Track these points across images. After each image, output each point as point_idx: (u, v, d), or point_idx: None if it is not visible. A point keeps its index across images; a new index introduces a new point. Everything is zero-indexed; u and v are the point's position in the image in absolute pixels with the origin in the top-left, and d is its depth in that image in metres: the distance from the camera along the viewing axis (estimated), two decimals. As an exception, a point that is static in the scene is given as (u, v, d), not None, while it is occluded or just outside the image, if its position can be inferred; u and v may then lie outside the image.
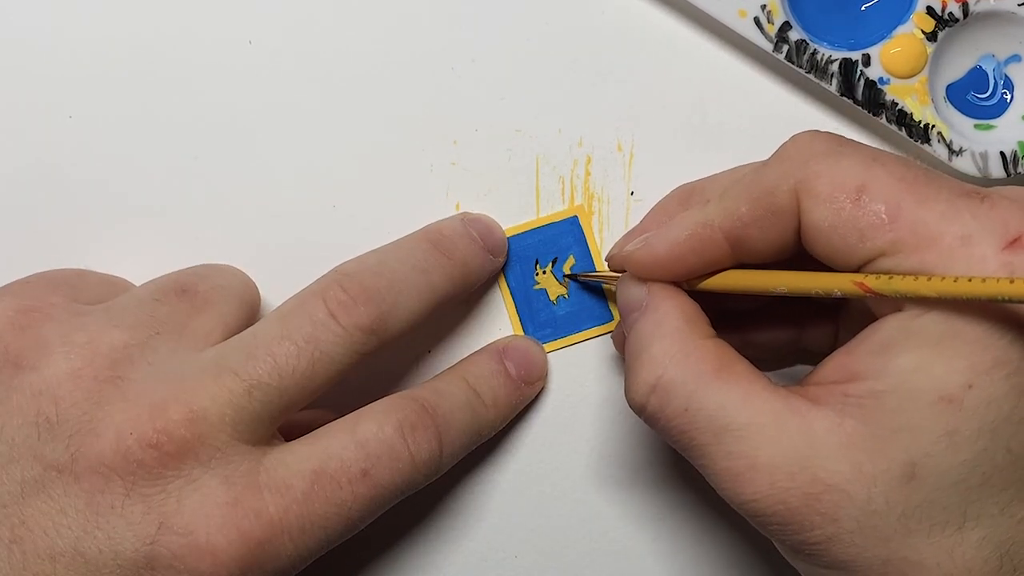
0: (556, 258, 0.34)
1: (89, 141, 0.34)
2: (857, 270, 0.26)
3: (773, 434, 0.25)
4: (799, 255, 0.28)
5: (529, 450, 0.34)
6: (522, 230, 0.34)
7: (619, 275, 0.31)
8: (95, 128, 0.34)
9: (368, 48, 0.34)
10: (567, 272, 0.34)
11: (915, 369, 0.25)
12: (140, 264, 0.33)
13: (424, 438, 0.29)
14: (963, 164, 0.33)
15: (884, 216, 0.25)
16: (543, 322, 0.34)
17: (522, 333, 0.34)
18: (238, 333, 0.29)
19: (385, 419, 0.29)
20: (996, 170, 0.33)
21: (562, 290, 0.34)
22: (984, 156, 0.33)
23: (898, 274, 0.25)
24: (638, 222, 0.33)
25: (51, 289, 0.30)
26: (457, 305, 0.34)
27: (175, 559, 0.26)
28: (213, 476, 0.27)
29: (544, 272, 0.34)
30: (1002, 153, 0.33)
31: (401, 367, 0.34)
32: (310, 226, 0.34)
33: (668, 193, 0.32)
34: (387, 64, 0.34)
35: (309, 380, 0.28)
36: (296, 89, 0.34)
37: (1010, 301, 0.23)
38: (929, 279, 0.24)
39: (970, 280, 0.23)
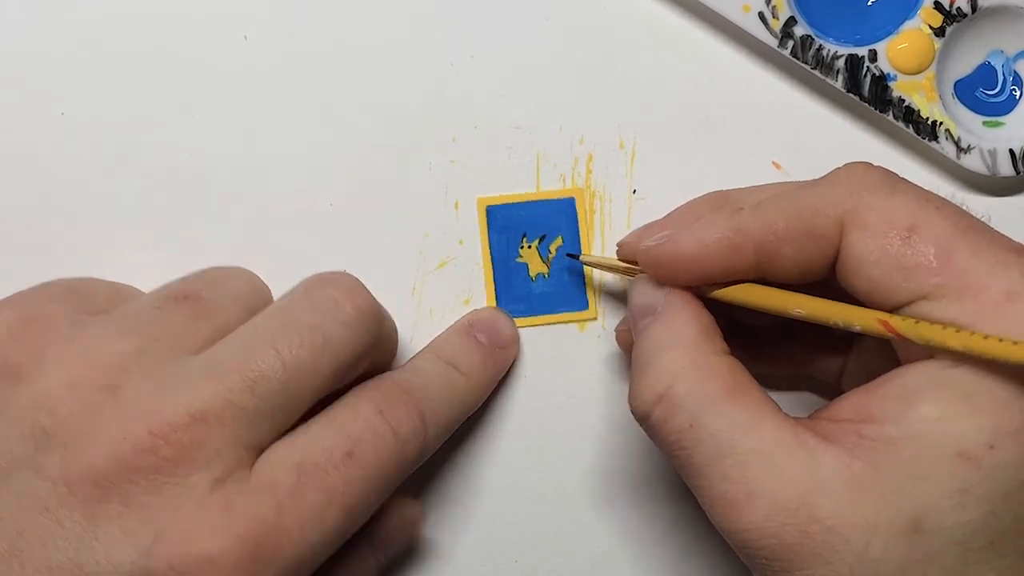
0: (544, 235, 0.34)
1: (82, 140, 0.33)
2: (894, 310, 0.25)
3: (777, 465, 0.25)
4: (821, 283, 0.27)
5: (530, 453, 0.34)
6: (517, 200, 0.34)
7: (625, 265, 0.31)
8: (88, 126, 0.33)
9: (366, 44, 0.34)
10: (565, 254, 0.33)
11: (937, 420, 0.24)
12: (136, 264, 0.32)
13: (404, 412, 0.29)
14: (971, 162, 0.33)
15: (933, 259, 0.25)
16: (517, 296, 0.34)
17: (494, 302, 0.34)
18: None
19: (358, 401, 0.28)
20: (1005, 168, 0.33)
21: (543, 268, 0.34)
22: (993, 153, 0.33)
23: (926, 321, 0.24)
24: (652, 219, 0.31)
25: (52, 300, 0.29)
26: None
27: (172, 570, 0.26)
28: (207, 481, 0.26)
29: (529, 247, 0.34)
30: (1011, 151, 0.33)
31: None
32: (307, 224, 0.34)
33: (699, 196, 0.31)
34: (385, 61, 0.34)
35: (313, 374, 0.27)
36: (293, 86, 0.34)
37: None
38: (958, 331, 0.24)
39: (1000, 340, 0.23)
